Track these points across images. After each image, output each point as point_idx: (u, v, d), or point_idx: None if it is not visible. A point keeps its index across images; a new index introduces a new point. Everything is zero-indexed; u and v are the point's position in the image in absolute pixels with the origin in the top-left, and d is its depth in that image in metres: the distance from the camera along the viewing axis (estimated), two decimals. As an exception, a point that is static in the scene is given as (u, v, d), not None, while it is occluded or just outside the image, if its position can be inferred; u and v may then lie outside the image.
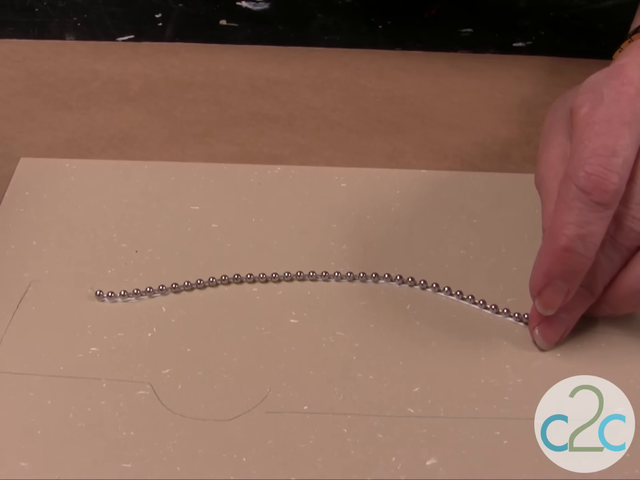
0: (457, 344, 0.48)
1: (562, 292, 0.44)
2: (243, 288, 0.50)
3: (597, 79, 0.47)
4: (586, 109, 0.45)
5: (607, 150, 0.42)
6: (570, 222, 0.43)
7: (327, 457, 0.42)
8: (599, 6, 0.76)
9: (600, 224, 0.43)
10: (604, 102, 0.44)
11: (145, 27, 0.71)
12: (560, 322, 0.47)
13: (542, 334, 0.47)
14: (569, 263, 0.43)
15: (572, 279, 0.44)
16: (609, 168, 0.42)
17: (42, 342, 0.46)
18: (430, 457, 0.42)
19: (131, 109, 0.62)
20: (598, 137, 0.43)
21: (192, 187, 0.56)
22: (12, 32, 0.69)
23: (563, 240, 0.43)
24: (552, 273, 0.44)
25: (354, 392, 0.45)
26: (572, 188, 0.43)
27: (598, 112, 0.44)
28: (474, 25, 0.73)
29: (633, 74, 0.45)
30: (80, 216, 0.53)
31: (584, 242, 0.43)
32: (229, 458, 0.42)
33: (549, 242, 0.44)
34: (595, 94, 0.45)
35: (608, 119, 0.43)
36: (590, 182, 0.42)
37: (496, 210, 0.55)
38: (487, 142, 0.61)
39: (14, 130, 0.60)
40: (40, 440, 0.42)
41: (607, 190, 0.42)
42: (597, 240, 0.43)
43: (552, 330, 0.47)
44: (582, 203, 0.42)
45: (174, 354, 0.46)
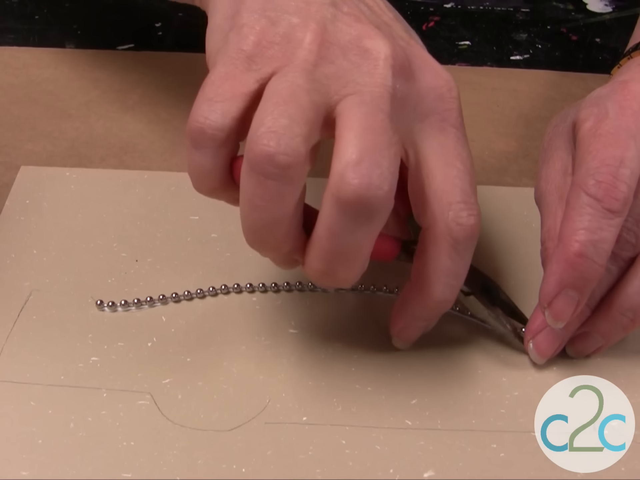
0: (454, 356, 0.48)
1: (573, 303, 0.44)
2: (243, 298, 0.50)
3: (600, 94, 0.47)
4: (591, 123, 0.45)
5: (616, 161, 0.43)
6: (582, 229, 0.43)
7: (326, 468, 0.42)
8: (596, 20, 0.77)
9: (612, 230, 0.43)
10: (609, 115, 0.44)
11: (145, 35, 0.71)
12: (555, 336, 0.47)
13: (536, 348, 0.47)
14: (582, 270, 0.43)
15: (583, 287, 0.43)
16: (618, 178, 0.43)
17: (43, 352, 0.46)
18: (427, 470, 0.43)
19: (131, 118, 0.62)
20: (606, 148, 0.43)
21: (192, 197, 0.55)
22: (13, 39, 0.69)
23: (575, 246, 0.43)
24: (564, 281, 0.43)
25: (353, 403, 0.45)
26: (582, 196, 0.43)
27: (604, 124, 0.44)
28: (472, 38, 0.74)
29: (637, 89, 0.45)
30: (80, 225, 0.53)
31: (596, 248, 0.42)
32: (229, 468, 0.42)
33: (560, 250, 0.43)
34: (599, 108, 0.45)
35: (615, 132, 0.44)
36: (601, 190, 0.42)
37: (493, 224, 0.55)
38: (484, 155, 0.62)
39: (14, 139, 0.60)
40: (41, 450, 0.42)
41: (617, 198, 0.42)
42: (608, 248, 0.43)
43: (547, 344, 0.47)
44: (593, 209, 0.43)
45: (174, 363, 0.46)
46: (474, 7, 0.77)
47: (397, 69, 0.41)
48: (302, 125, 0.38)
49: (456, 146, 0.43)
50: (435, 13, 0.76)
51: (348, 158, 0.38)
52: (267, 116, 0.38)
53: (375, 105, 0.39)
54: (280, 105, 0.38)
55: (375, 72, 0.40)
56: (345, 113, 0.39)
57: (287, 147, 0.38)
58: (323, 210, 0.40)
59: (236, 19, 0.42)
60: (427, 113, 0.42)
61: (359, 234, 0.40)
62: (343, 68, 0.40)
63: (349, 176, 0.38)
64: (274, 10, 0.42)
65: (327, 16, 0.41)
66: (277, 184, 0.38)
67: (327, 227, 0.40)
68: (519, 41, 0.74)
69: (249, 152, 0.39)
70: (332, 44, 0.41)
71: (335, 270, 0.41)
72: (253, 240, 0.42)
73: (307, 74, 0.40)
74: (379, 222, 0.40)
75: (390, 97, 0.40)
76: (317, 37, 0.41)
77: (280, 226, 0.40)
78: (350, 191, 0.38)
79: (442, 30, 0.74)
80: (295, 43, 0.41)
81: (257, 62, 0.41)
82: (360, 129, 0.39)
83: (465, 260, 0.43)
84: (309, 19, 0.41)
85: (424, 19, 0.75)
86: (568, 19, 0.77)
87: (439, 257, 0.42)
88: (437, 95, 0.43)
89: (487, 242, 0.54)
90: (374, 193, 0.38)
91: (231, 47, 0.41)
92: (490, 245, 0.54)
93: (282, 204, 0.39)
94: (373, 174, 0.38)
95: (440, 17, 0.76)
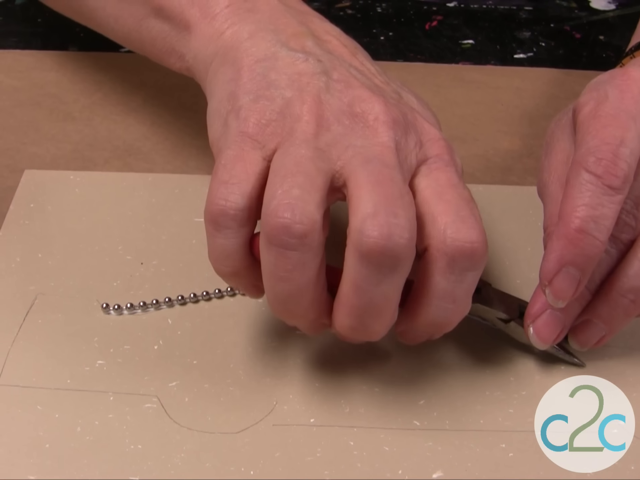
0: (461, 356, 0.48)
1: (575, 281, 0.43)
2: (248, 300, 0.50)
3: (600, 80, 0.47)
4: (590, 106, 0.45)
5: (616, 140, 0.43)
6: (582, 205, 0.42)
7: (334, 470, 0.42)
8: (600, 18, 0.76)
9: (612, 207, 0.42)
10: (609, 98, 0.45)
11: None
12: (556, 320, 0.46)
13: (536, 333, 0.46)
14: (582, 246, 0.42)
15: (584, 264, 0.43)
16: (618, 155, 0.42)
17: (49, 356, 0.46)
18: (436, 470, 0.43)
19: (134, 120, 0.62)
20: (606, 128, 0.43)
21: (197, 199, 0.55)
22: (15, 42, 0.69)
23: (576, 222, 0.42)
24: (564, 258, 0.43)
25: (361, 404, 0.45)
26: (582, 173, 0.43)
27: (604, 107, 0.44)
28: (475, 37, 0.74)
29: (636, 74, 0.45)
30: (85, 228, 0.53)
31: (596, 224, 0.42)
32: (237, 471, 0.42)
33: (561, 227, 0.43)
34: (598, 92, 0.45)
35: (615, 113, 0.44)
36: (601, 167, 0.42)
37: (498, 223, 0.55)
38: (488, 154, 0.61)
39: (18, 142, 0.60)
40: (48, 454, 0.42)
41: (617, 175, 0.42)
42: (609, 224, 0.42)
43: (548, 329, 0.46)
44: (593, 186, 0.42)
45: (180, 366, 0.46)
46: (477, 6, 0.77)
47: (393, 124, 0.42)
48: (312, 192, 0.40)
49: (451, 178, 0.43)
50: (438, 12, 0.76)
51: (364, 213, 0.39)
52: (278, 189, 0.40)
53: (378, 161, 0.41)
54: (289, 177, 0.40)
55: (373, 132, 0.42)
56: (353, 175, 0.41)
57: (302, 216, 0.39)
58: (347, 267, 0.40)
59: (232, 102, 0.44)
60: (423, 159, 0.43)
61: (384, 285, 0.40)
62: (341, 133, 0.42)
63: (368, 229, 0.39)
64: (268, 88, 0.43)
65: (321, 85, 0.43)
66: (297, 253, 0.39)
67: (353, 282, 0.40)
68: (522, 39, 0.74)
69: (266, 226, 0.40)
70: (328, 113, 0.42)
71: (366, 324, 0.42)
72: (280, 311, 0.43)
73: (308, 144, 0.41)
74: (404, 271, 0.40)
75: (392, 151, 0.41)
76: (312, 109, 0.42)
77: (305, 294, 0.41)
78: (372, 243, 0.39)
79: (445, 29, 0.74)
80: (293, 118, 0.42)
81: (260, 141, 0.42)
82: (369, 185, 0.40)
83: (464, 284, 0.42)
84: (303, 92, 0.43)
85: (426, 19, 0.75)
86: (571, 17, 0.76)
87: (432, 277, 0.42)
88: (432, 141, 0.44)
89: (493, 242, 0.54)
90: (395, 242, 0.39)
91: (233, 132, 0.43)
92: (496, 244, 0.54)
93: (304, 272, 0.40)
94: (391, 223, 0.39)
95: (443, 16, 0.76)
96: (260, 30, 0.45)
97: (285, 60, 0.44)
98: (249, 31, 0.46)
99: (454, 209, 0.41)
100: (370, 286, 0.40)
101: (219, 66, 0.46)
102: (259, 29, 0.46)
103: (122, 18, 0.53)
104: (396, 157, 0.41)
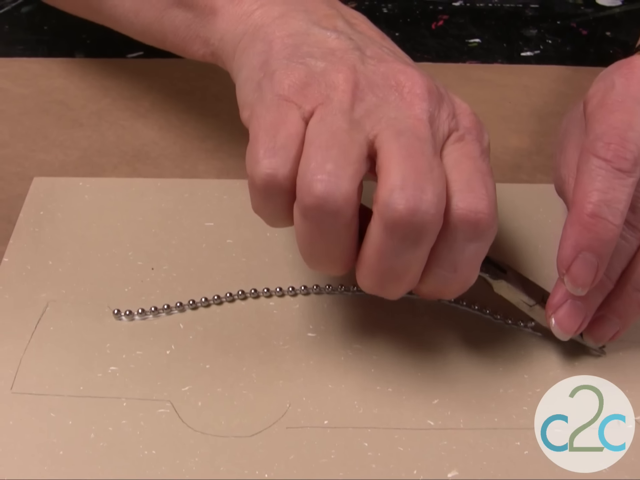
0: (475, 355, 0.48)
1: (592, 267, 0.43)
2: (260, 303, 0.50)
3: (607, 71, 0.47)
4: (598, 97, 0.45)
5: (624, 124, 0.43)
6: (594, 190, 0.42)
7: (349, 471, 0.42)
8: (606, 14, 0.76)
9: (624, 191, 0.42)
10: (615, 86, 0.45)
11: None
12: (578, 310, 0.45)
13: (558, 323, 0.46)
14: (596, 230, 0.42)
15: (600, 249, 0.42)
16: (626, 139, 0.43)
17: (61, 363, 0.46)
18: (451, 470, 0.42)
19: (142, 126, 0.62)
20: (613, 113, 0.44)
21: (206, 204, 0.56)
22: (22, 50, 0.69)
23: (589, 207, 0.42)
24: (580, 244, 0.43)
25: (374, 405, 0.45)
26: (591, 159, 0.43)
27: (610, 95, 0.45)
28: (482, 35, 0.73)
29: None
30: (95, 235, 0.53)
31: (609, 207, 0.42)
32: (251, 474, 0.42)
33: (574, 214, 0.43)
34: (605, 82, 0.46)
35: (622, 100, 0.44)
36: (610, 151, 0.42)
37: (509, 221, 0.55)
38: (497, 152, 0.61)
39: (27, 149, 0.60)
40: (62, 461, 0.42)
41: (627, 157, 0.42)
42: (623, 208, 0.42)
43: (569, 319, 0.45)
44: (604, 170, 0.42)
45: (193, 370, 0.46)
46: (483, 5, 0.77)
47: (427, 96, 0.42)
48: (346, 166, 0.39)
49: (472, 150, 0.43)
50: (444, 11, 0.76)
51: (392, 184, 0.39)
52: (312, 162, 0.39)
53: (411, 134, 0.41)
54: (324, 150, 0.40)
55: (408, 104, 0.42)
56: (385, 145, 0.40)
57: (336, 191, 0.39)
58: (371, 233, 0.41)
59: (265, 68, 0.43)
60: (454, 128, 0.43)
61: (406, 255, 0.40)
62: (376, 104, 0.42)
63: (395, 202, 0.39)
64: (302, 57, 0.43)
65: (355, 58, 0.43)
66: (330, 226, 0.40)
67: (376, 249, 0.41)
68: (528, 37, 0.74)
69: (300, 200, 0.40)
70: (363, 83, 0.42)
71: (385, 287, 0.43)
72: (312, 265, 0.43)
73: (344, 115, 0.41)
74: (427, 244, 0.40)
75: (425, 123, 0.41)
76: (349, 78, 0.42)
77: (337, 253, 0.42)
78: (397, 216, 0.39)
79: (452, 28, 0.74)
80: (329, 85, 0.42)
81: (297, 102, 0.42)
82: (399, 157, 0.40)
83: (467, 253, 0.42)
84: (337, 63, 0.43)
85: (433, 18, 0.75)
86: (577, 14, 0.76)
87: (435, 243, 0.41)
88: (463, 114, 0.44)
89: (504, 239, 0.54)
90: (420, 217, 0.39)
91: (268, 95, 0.42)
92: (507, 242, 0.54)
93: (338, 240, 0.41)
94: (418, 197, 0.39)
95: (449, 15, 0.75)
96: (291, 11, 0.45)
97: (317, 37, 0.44)
98: (280, 11, 0.45)
99: (465, 178, 0.41)
100: (392, 255, 0.40)
101: (248, 42, 0.45)
102: (290, 10, 0.45)
103: (143, 11, 0.53)
104: (429, 130, 0.41)
